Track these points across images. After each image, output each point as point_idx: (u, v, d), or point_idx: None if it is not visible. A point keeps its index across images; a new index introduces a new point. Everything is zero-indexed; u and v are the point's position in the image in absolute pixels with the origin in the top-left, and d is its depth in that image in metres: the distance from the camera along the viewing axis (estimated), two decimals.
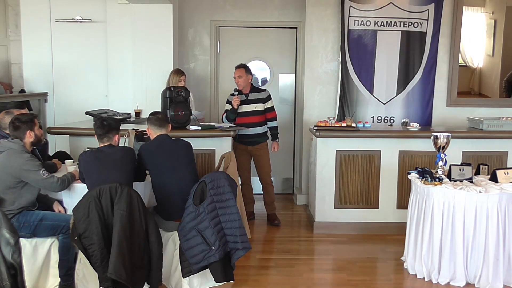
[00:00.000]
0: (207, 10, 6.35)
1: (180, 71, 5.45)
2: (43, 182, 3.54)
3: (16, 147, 3.55)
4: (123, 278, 3.11)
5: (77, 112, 5.68)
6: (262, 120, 5.27)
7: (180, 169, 3.68)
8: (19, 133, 3.62)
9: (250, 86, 5.30)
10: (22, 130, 3.62)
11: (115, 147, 3.66)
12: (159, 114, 3.92)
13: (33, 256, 3.54)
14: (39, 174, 3.50)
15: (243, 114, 5.22)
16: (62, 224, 3.50)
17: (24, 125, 3.62)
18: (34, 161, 3.54)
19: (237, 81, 5.26)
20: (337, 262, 4.42)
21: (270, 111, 5.29)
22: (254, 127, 5.22)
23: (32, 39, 6.14)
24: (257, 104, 5.23)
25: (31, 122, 3.68)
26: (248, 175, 5.36)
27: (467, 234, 3.79)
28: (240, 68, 5.27)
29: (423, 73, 5.79)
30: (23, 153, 3.54)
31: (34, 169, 3.50)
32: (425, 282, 3.93)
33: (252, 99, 5.25)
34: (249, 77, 5.26)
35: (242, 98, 5.23)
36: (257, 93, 5.28)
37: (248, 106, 5.23)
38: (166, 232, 3.68)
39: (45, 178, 3.52)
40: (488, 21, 6.40)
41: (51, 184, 3.55)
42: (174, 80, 5.32)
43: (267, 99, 5.27)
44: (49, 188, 3.60)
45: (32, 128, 3.66)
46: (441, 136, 4.13)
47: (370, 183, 5.05)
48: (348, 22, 5.70)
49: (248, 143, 5.26)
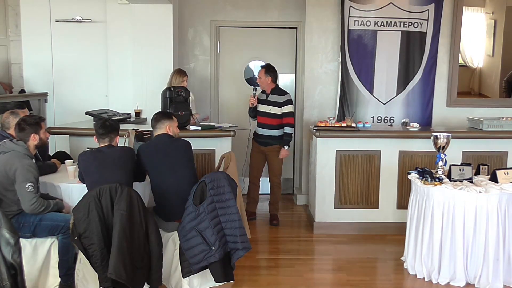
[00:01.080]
0: (207, 10, 6.35)
1: (183, 71, 5.43)
2: (22, 195, 3.41)
3: (20, 150, 3.52)
4: (123, 278, 3.11)
5: (77, 112, 5.68)
6: (277, 124, 5.16)
7: (178, 169, 3.68)
8: (23, 135, 3.59)
9: (273, 86, 5.22)
10: (27, 132, 3.59)
11: (114, 147, 3.66)
12: (156, 114, 3.89)
13: (33, 256, 3.54)
14: (25, 186, 3.40)
15: (261, 113, 5.24)
16: (62, 224, 3.49)
17: (29, 127, 3.60)
18: (30, 171, 3.45)
19: (258, 81, 5.29)
20: (337, 262, 4.42)
21: (286, 116, 5.15)
22: (268, 128, 5.19)
23: (32, 39, 6.15)
24: (272, 107, 5.16)
25: (37, 125, 3.65)
26: (256, 175, 5.36)
27: (467, 234, 3.79)
28: (261, 68, 5.27)
29: (423, 73, 5.79)
30: (25, 158, 3.49)
31: (25, 178, 3.41)
32: (425, 282, 3.93)
33: (270, 101, 5.19)
34: (268, 78, 5.17)
35: (263, 97, 5.24)
36: (276, 96, 5.18)
37: (265, 107, 5.20)
38: (166, 232, 3.67)
39: (27, 192, 3.40)
40: (488, 21, 6.41)
41: (26, 201, 3.41)
42: (176, 81, 5.29)
43: (284, 104, 5.14)
44: (22, 202, 3.43)
45: (38, 131, 3.64)
46: (441, 136, 4.13)
47: (370, 183, 5.05)
48: (348, 22, 5.70)
49: (260, 143, 5.27)
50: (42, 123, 3.74)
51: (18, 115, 3.99)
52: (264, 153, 5.29)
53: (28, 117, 3.78)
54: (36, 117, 3.87)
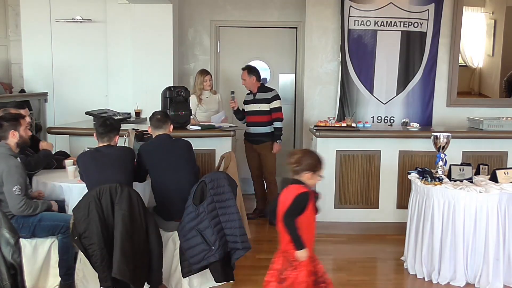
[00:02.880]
0: (207, 10, 6.35)
1: (205, 71, 5.50)
2: (10, 198, 3.36)
3: (2, 150, 3.42)
4: (127, 277, 3.12)
5: (77, 112, 5.67)
6: (268, 120, 5.28)
7: (179, 169, 3.68)
8: (1, 131, 3.47)
9: (259, 85, 5.32)
10: (4, 129, 3.46)
11: (113, 147, 3.65)
12: (158, 114, 3.90)
13: (33, 256, 3.53)
14: (12, 189, 3.34)
15: (250, 113, 5.34)
16: (61, 224, 3.48)
17: (7, 123, 3.47)
18: (17, 172, 3.37)
19: (243, 84, 5.35)
20: (337, 262, 4.42)
21: (275, 111, 5.27)
22: (259, 126, 5.28)
23: (32, 39, 6.14)
24: (261, 104, 5.27)
25: (16, 121, 3.51)
26: (257, 172, 5.46)
27: (467, 234, 3.78)
28: (243, 71, 5.33)
29: (423, 73, 5.79)
30: (10, 159, 3.40)
31: (11, 181, 3.34)
32: (425, 282, 3.93)
33: (258, 99, 5.29)
34: (252, 78, 5.27)
35: (250, 98, 5.33)
36: (263, 93, 5.30)
37: (253, 106, 5.31)
38: (166, 232, 3.67)
39: (14, 196, 3.34)
40: (488, 21, 6.41)
41: (14, 204, 3.36)
42: (199, 80, 5.37)
43: (272, 99, 5.27)
44: (10, 205, 3.37)
45: (17, 128, 3.50)
46: (441, 136, 4.13)
47: (370, 183, 5.05)
48: (348, 22, 5.70)
49: (253, 142, 5.37)
50: (22, 119, 3.59)
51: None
52: (257, 151, 5.36)
53: (7, 113, 3.65)
54: (15, 113, 3.70)
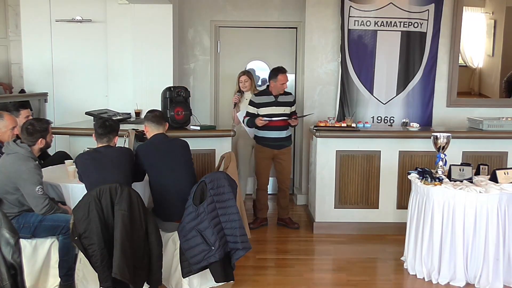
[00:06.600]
0: (207, 10, 6.35)
1: (245, 71, 5.67)
2: (34, 198, 3.43)
3: (23, 152, 3.50)
4: (127, 277, 3.12)
5: (77, 112, 5.68)
6: (287, 124, 5.10)
7: (177, 169, 3.68)
8: (31, 139, 3.58)
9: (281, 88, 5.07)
10: (35, 136, 3.59)
11: (112, 148, 3.65)
12: (156, 111, 3.92)
13: (33, 256, 3.53)
14: (35, 190, 3.41)
15: (274, 116, 4.99)
16: (62, 224, 3.48)
17: (39, 133, 3.60)
18: (37, 173, 3.46)
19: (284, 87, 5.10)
20: (337, 262, 4.42)
21: (295, 114, 5.16)
22: (282, 130, 5.07)
23: (32, 39, 6.14)
24: (285, 107, 5.05)
25: (46, 131, 3.67)
26: (266, 181, 5.21)
27: (467, 234, 3.79)
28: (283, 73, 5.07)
29: (423, 73, 5.79)
30: (29, 161, 3.48)
31: (33, 182, 3.42)
32: (425, 282, 3.93)
33: (281, 102, 5.05)
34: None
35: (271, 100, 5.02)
36: (285, 96, 5.09)
37: (277, 109, 5.03)
38: (166, 232, 3.67)
39: (38, 196, 3.42)
40: (488, 21, 6.41)
41: (39, 204, 3.43)
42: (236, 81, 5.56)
43: (294, 102, 5.19)
44: (34, 206, 3.44)
45: (45, 136, 3.66)
46: (441, 136, 4.13)
47: (370, 183, 5.05)
48: (348, 22, 5.70)
49: (273, 146, 5.08)
50: (49, 127, 3.75)
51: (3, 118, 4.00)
52: (274, 157, 5.12)
53: (37, 121, 3.73)
54: (44, 121, 3.80)
